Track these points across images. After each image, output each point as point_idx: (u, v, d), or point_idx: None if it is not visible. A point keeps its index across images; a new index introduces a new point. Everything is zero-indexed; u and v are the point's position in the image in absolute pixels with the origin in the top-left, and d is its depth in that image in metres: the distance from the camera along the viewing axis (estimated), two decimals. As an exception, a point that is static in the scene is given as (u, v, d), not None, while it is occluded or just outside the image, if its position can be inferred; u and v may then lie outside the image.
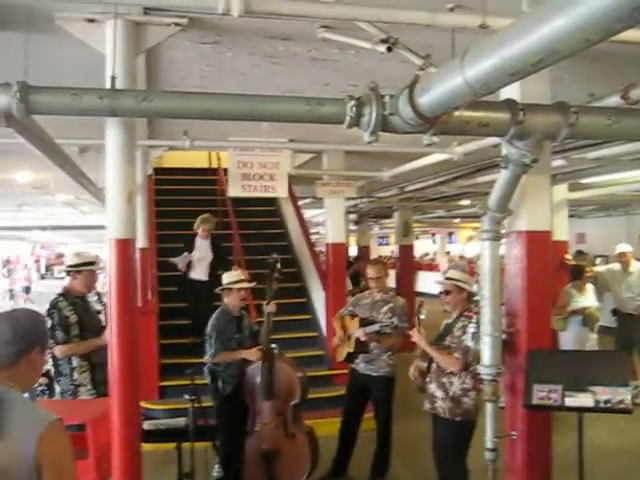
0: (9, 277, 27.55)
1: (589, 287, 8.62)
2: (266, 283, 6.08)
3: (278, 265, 6.09)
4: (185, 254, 8.71)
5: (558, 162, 7.11)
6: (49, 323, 5.15)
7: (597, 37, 1.99)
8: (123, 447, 4.22)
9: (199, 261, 8.79)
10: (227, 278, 5.99)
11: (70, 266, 5.61)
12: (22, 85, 3.21)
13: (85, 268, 5.41)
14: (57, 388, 5.35)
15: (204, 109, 3.40)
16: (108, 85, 3.66)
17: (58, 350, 5.17)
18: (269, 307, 5.94)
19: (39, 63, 4.08)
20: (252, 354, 5.83)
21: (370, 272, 6.24)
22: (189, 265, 8.77)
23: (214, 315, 5.95)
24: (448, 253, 28.89)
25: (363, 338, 5.88)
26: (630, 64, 5.11)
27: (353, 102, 3.27)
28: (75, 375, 5.16)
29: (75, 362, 5.15)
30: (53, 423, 1.99)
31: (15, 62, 3.68)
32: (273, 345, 5.95)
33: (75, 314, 5.25)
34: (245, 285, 6.03)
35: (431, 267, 27.83)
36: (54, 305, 5.27)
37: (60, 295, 5.38)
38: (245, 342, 6.01)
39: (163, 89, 5.90)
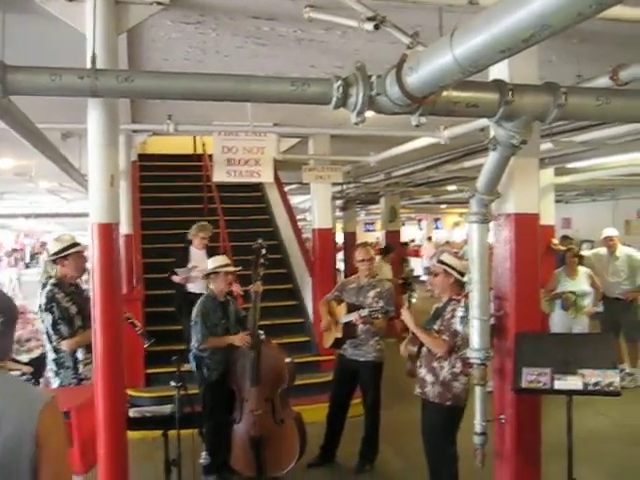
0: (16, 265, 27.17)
1: (581, 272, 8.62)
2: (251, 269, 6.04)
3: (263, 250, 6.05)
4: (190, 265, 7.76)
5: (546, 145, 7.08)
6: (49, 318, 5.00)
7: (589, 11, 1.94)
8: (108, 435, 4.16)
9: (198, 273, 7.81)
10: (212, 263, 5.94)
11: (54, 254, 5.33)
12: (-1, 65, 3.12)
13: (71, 251, 5.17)
14: (56, 381, 5.13)
15: (187, 89, 3.32)
16: (89, 65, 3.57)
17: (65, 344, 5.00)
18: (255, 287, 5.90)
19: (17, 43, 3.98)
20: (239, 339, 5.79)
21: (360, 254, 6.19)
22: (187, 277, 7.85)
23: (199, 300, 5.91)
24: (430, 239, 28.85)
25: (359, 322, 5.82)
26: (619, 45, 5.08)
27: (340, 82, 3.20)
28: (80, 368, 5.02)
29: (80, 355, 4.99)
30: (49, 402, 1.96)
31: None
32: (260, 332, 5.91)
33: (74, 304, 5.08)
34: (231, 269, 5.99)
35: (417, 253, 27.88)
36: (52, 298, 5.04)
37: (54, 286, 5.14)
38: (231, 328, 5.97)
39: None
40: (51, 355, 5.14)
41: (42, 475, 1.88)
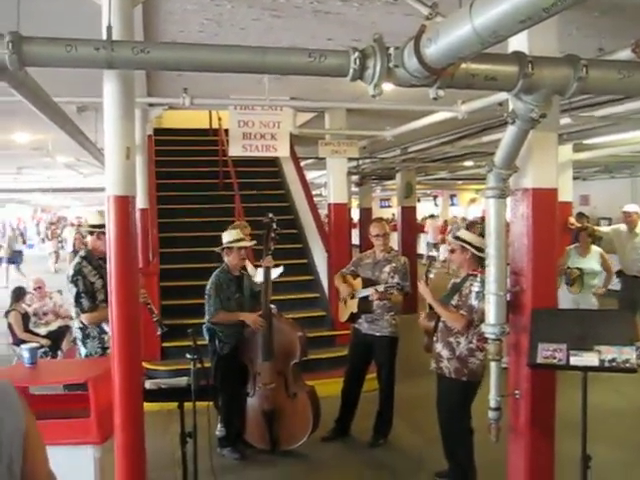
0: (53, 239, 27.22)
1: (594, 251, 8.54)
2: (262, 244, 6.03)
3: (274, 225, 6.02)
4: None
5: (564, 121, 6.99)
6: (74, 291, 5.09)
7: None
8: (125, 406, 4.20)
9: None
10: (227, 237, 5.93)
11: (93, 226, 5.36)
12: (15, 35, 3.10)
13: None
14: (83, 351, 5.27)
15: (203, 61, 3.29)
16: (104, 37, 3.55)
17: (85, 318, 5.10)
18: (265, 262, 5.91)
19: (33, 14, 3.96)
20: (251, 319, 5.79)
21: (375, 229, 6.17)
22: None
23: (214, 273, 5.91)
24: (432, 216, 28.48)
25: (375, 296, 5.82)
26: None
27: (357, 54, 3.17)
28: (105, 339, 5.07)
29: (106, 327, 5.00)
30: (21, 396, 1.81)
31: (7, 13, 3.56)
32: (272, 306, 5.92)
33: (100, 278, 5.10)
34: (246, 244, 5.98)
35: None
36: (78, 271, 5.12)
37: (83, 258, 5.22)
38: (245, 303, 5.97)
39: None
40: (77, 324, 5.28)
41: (23, 471, 1.73)
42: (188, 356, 4.20)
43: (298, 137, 9.40)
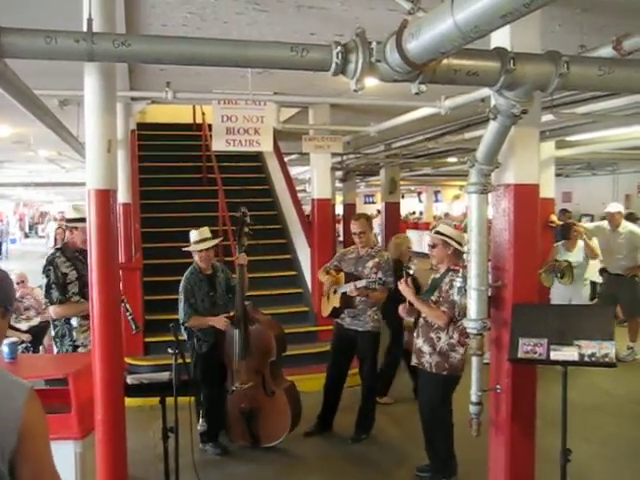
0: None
1: (579, 245, 8.68)
2: (235, 239, 5.97)
3: (247, 219, 5.96)
4: None
5: (547, 117, 7.02)
6: (44, 282, 5.01)
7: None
8: (106, 401, 4.18)
9: None
10: (192, 237, 5.85)
11: (68, 220, 5.36)
12: (-7, 27, 3.07)
13: (82, 224, 4.90)
14: (55, 349, 5.19)
15: (185, 54, 3.27)
16: (85, 29, 3.52)
17: (52, 310, 5.02)
18: (240, 259, 5.85)
19: (12, 5, 3.92)
20: (220, 323, 5.74)
21: (354, 227, 6.16)
22: None
23: (184, 276, 5.85)
24: (414, 214, 28.41)
25: (354, 293, 5.83)
26: (622, 14, 5.02)
27: (339, 48, 3.16)
28: (75, 335, 5.02)
29: (75, 322, 5.00)
30: (31, 391, 1.80)
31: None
32: (246, 302, 5.86)
33: (74, 270, 5.05)
34: (205, 246, 5.82)
35: (417, 226, 27.87)
36: (50, 261, 5.06)
37: (58, 250, 5.19)
38: (220, 300, 5.93)
39: (144, 37, 5.72)
40: (52, 322, 5.20)
41: (24, 468, 1.73)
42: (170, 351, 4.19)
43: (282, 132, 9.37)
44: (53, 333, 5.19)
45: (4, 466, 1.70)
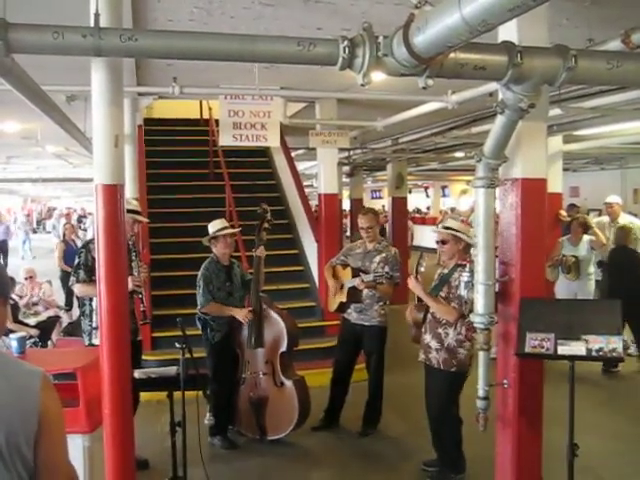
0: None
1: (585, 239, 8.64)
2: (255, 233, 6.04)
3: (268, 215, 6.05)
4: None
5: (554, 111, 6.99)
6: (76, 261, 5.43)
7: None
8: (114, 395, 4.20)
9: None
10: (212, 227, 5.95)
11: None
12: (0, 22, 3.07)
13: (127, 217, 4.89)
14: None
15: (192, 49, 3.27)
16: (92, 24, 3.52)
17: (76, 288, 5.41)
18: (258, 252, 5.94)
19: (18, 0, 3.91)
20: (242, 315, 5.84)
21: (361, 222, 6.16)
22: None
23: (203, 264, 5.94)
24: (419, 211, 28.22)
25: (362, 286, 5.84)
26: (630, 7, 4.99)
27: (346, 43, 3.15)
28: (94, 317, 5.24)
29: (95, 304, 5.10)
30: (44, 376, 1.85)
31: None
32: (262, 295, 5.94)
33: None
34: (231, 231, 6.02)
35: (424, 221, 27.81)
36: (84, 246, 5.56)
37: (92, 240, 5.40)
38: (236, 292, 6.00)
39: (151, 32, 5.72)
40: (80, 301, 5.62)
41: (42, 452, 1.77)
42: (177, 345, 4.21)
43: (289, 127, 9.36)
44: (79, 312, 5.66)
45: (30, 452, 1.75)
